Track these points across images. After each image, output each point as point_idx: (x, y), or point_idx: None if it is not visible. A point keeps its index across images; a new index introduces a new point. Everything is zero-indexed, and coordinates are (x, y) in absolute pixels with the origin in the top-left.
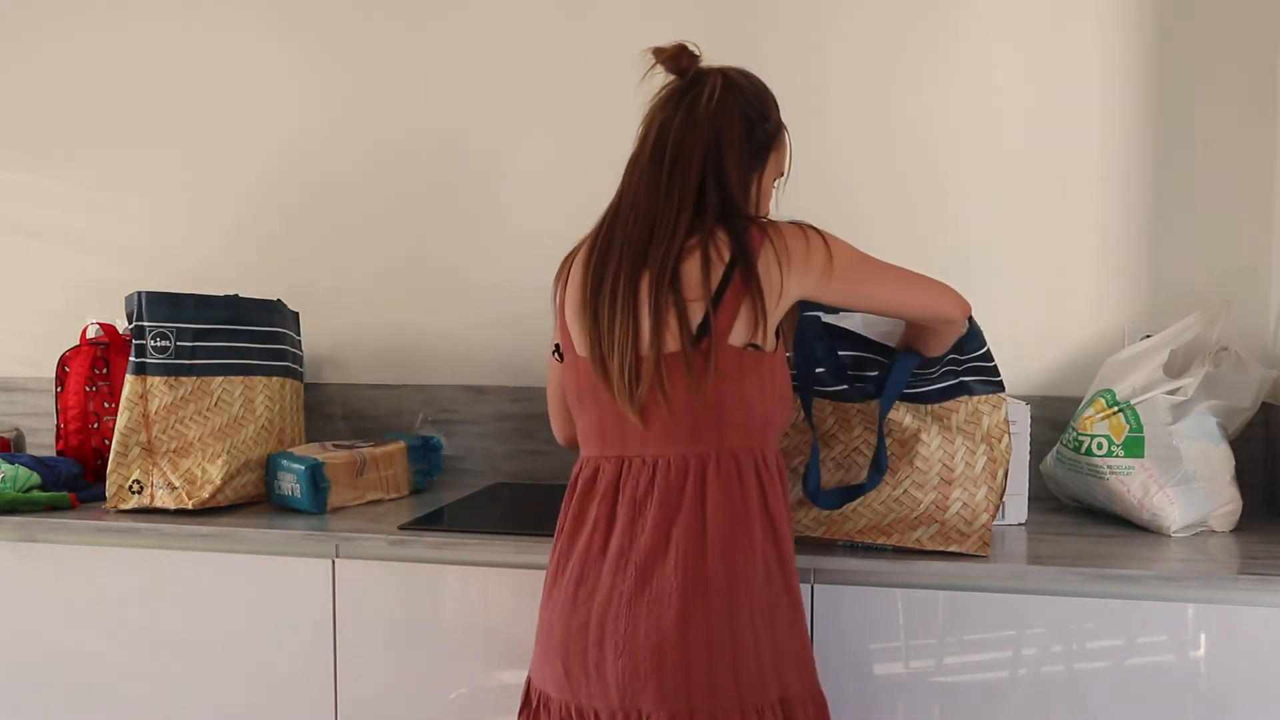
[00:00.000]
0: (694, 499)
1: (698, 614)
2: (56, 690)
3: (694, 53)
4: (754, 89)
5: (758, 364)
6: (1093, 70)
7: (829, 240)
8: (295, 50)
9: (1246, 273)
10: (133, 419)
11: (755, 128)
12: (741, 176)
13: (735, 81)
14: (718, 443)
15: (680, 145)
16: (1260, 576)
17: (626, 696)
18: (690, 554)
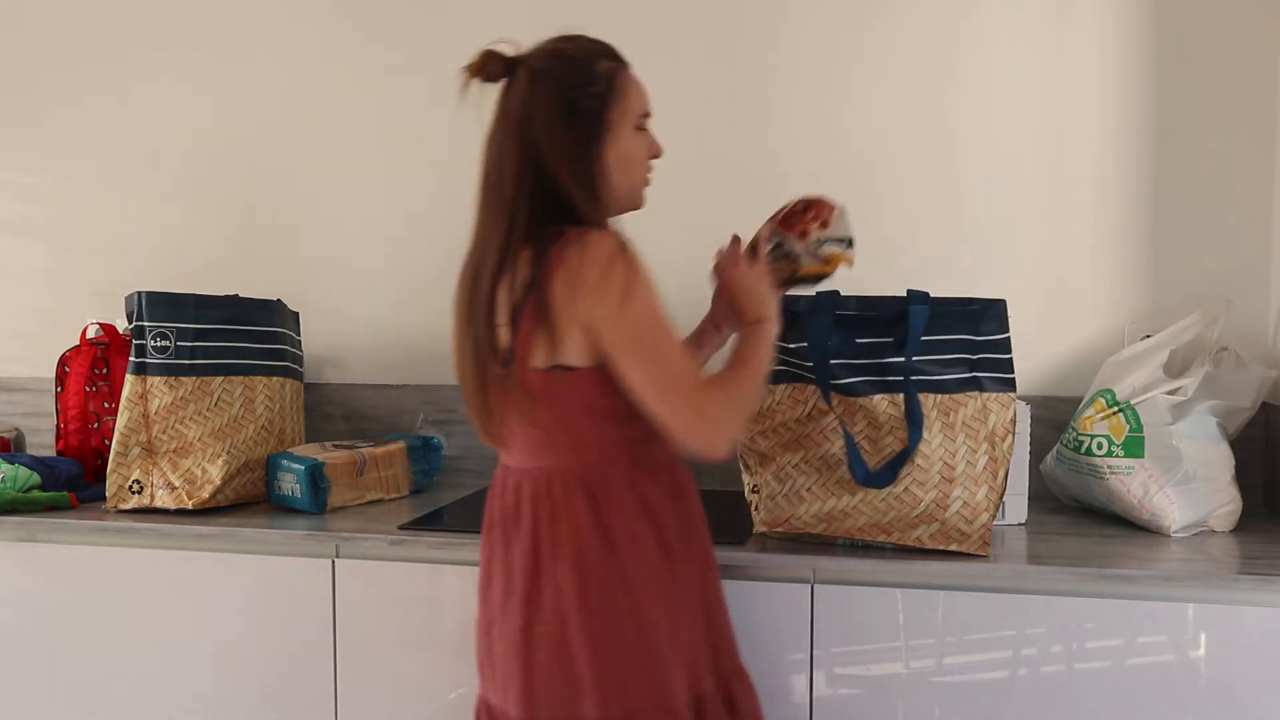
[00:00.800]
0: (531, 514)
1: (536, 627)
2: (56, 690)
3: (501, 55)
4: (563, 61)
5: (569, 384)
6: (1093, 71)
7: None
8: (296, 50)
9: (1246, 273)
10: (133, 419)
11: (577, 101)
12: (574, 166)
13: (539, 69)
14: (551, 460)
15: (498, 159)
16: (1260, 576)
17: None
18: (530, 567)
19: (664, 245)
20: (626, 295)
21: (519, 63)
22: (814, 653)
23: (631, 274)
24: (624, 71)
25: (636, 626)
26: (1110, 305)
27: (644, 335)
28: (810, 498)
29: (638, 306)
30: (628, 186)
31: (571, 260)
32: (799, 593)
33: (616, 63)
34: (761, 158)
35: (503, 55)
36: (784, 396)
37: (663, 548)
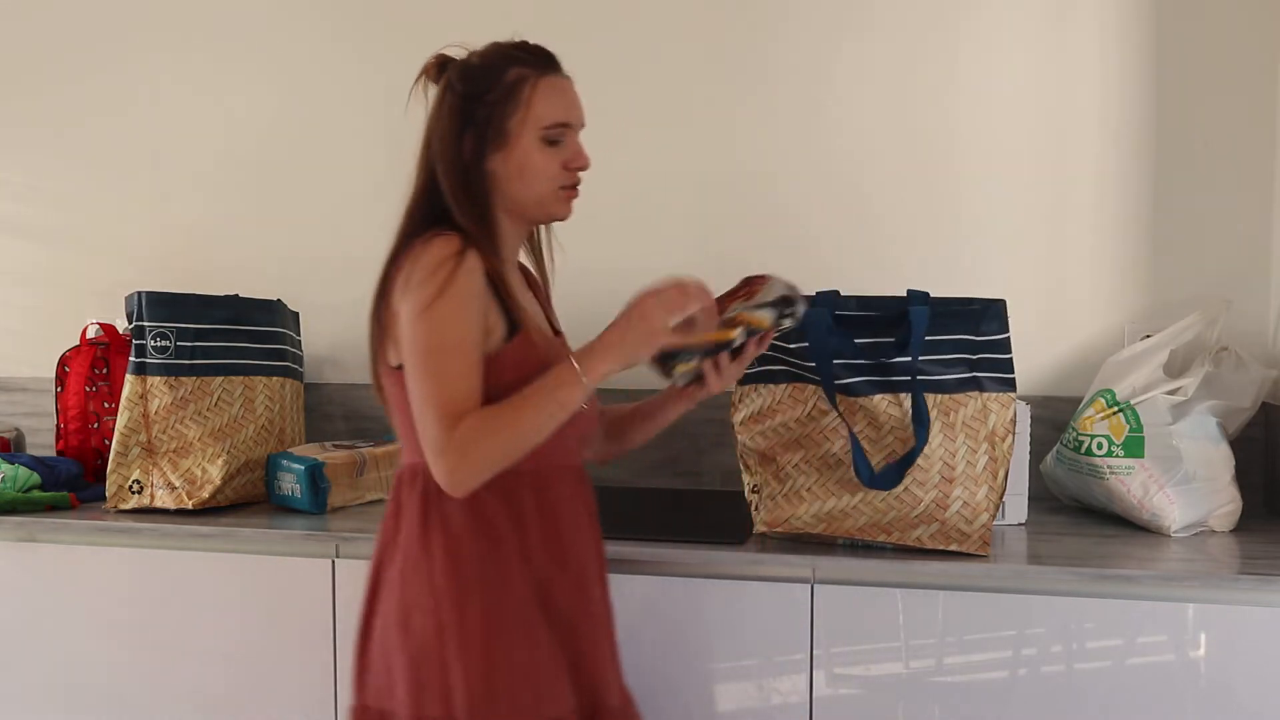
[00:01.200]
0: (389, 504)
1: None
2: (56, 690)
3: (444, 60)
4: (470, 70)
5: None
6: (1093, 71)
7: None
8: (296, 50)
9: (1246, 273)
10: (133, 419)
11: (474, 113)
12: (460, 175)
13: (450, 79)
14: (404, 455)
15: (417, 164)
16: (1260, 576)
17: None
18: (375, 557)
19: (659, 250)
20: (429, 304)
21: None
22: (814, 653)
23: (445, 285)
24: (535, 80)
25: (438, 636)
26: (1110, 305)
27: (428, 348)
28: (810, 498)
29: (435, 318)
30: (528, 197)
31: (407, 261)
32: (799, 593)
33: (530, 70)
34: (760, 158)
35: (446, 59)
36: (784, 396)
37: (495, 563)
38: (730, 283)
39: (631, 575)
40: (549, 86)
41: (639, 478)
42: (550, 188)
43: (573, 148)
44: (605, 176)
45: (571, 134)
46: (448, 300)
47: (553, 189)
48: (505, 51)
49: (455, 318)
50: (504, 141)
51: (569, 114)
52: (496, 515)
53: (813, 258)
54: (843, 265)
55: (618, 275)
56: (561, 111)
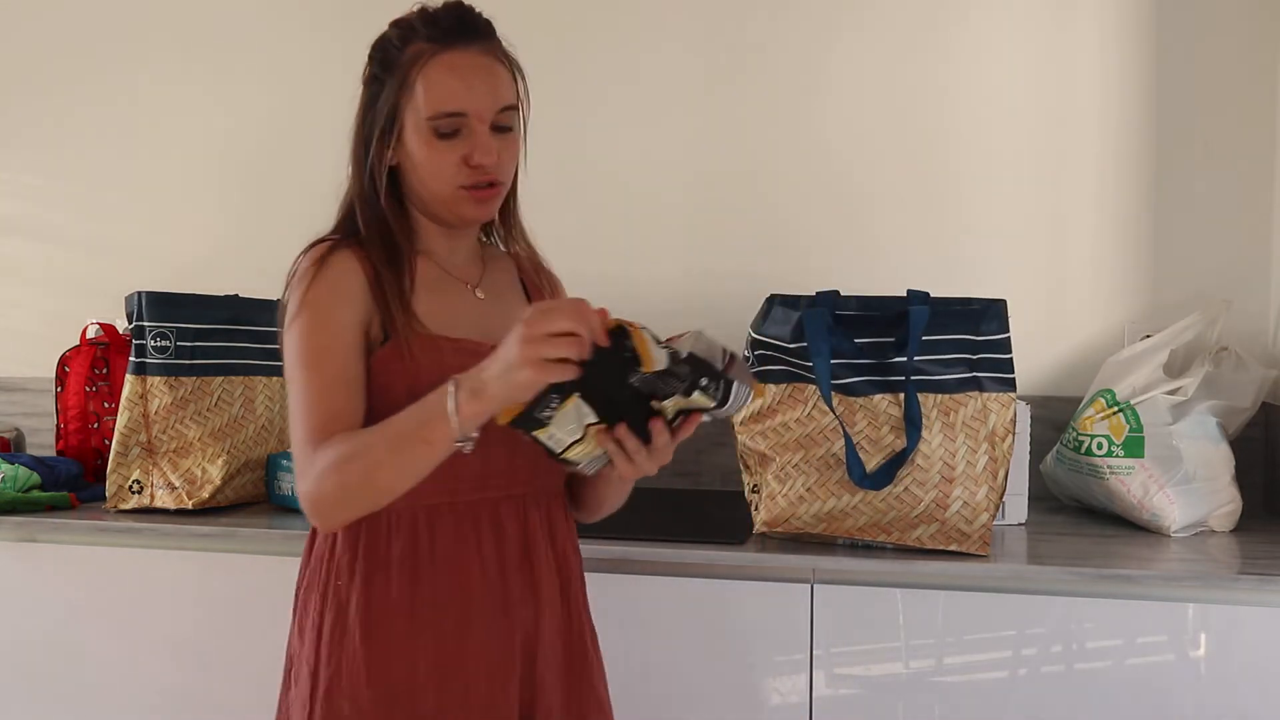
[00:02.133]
0: None
1: None
2: (56, 690)
3: None
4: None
5: None
6: (1093, 71)
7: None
8: (295, 51)
9: (1246, 273)
10: (133, 419)
11: (376, 97)
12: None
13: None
14: None
15: None
16: (1260, 576)
17: None
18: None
19: (651, 253)
20: (291, 319)
21: None
22: (814, 653)
23: (304, 297)
24: (428, 59)
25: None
26: (1110, 305)
27: (290, 365)
28: (810, 498)
29: (295, 333)
30: (429, 196)
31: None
32: (799, 593)
33: (427, 46)
34: (759, 158)
35: None
36: (784, 396)
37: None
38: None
39: (632, 575)
40: (442, 66)
41: None
42: (449, 188)
43: (474, 140)
44: (599, 176)
45: (471, 123)
46: (305, 312)
47: (452, 189)
48: (408, 22)
49: (314, 330)
50: (399, 133)
51: (464, 100)
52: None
53: (812, 258)
54: (843, 265)
55: (608, 281)
56: (451, 98)
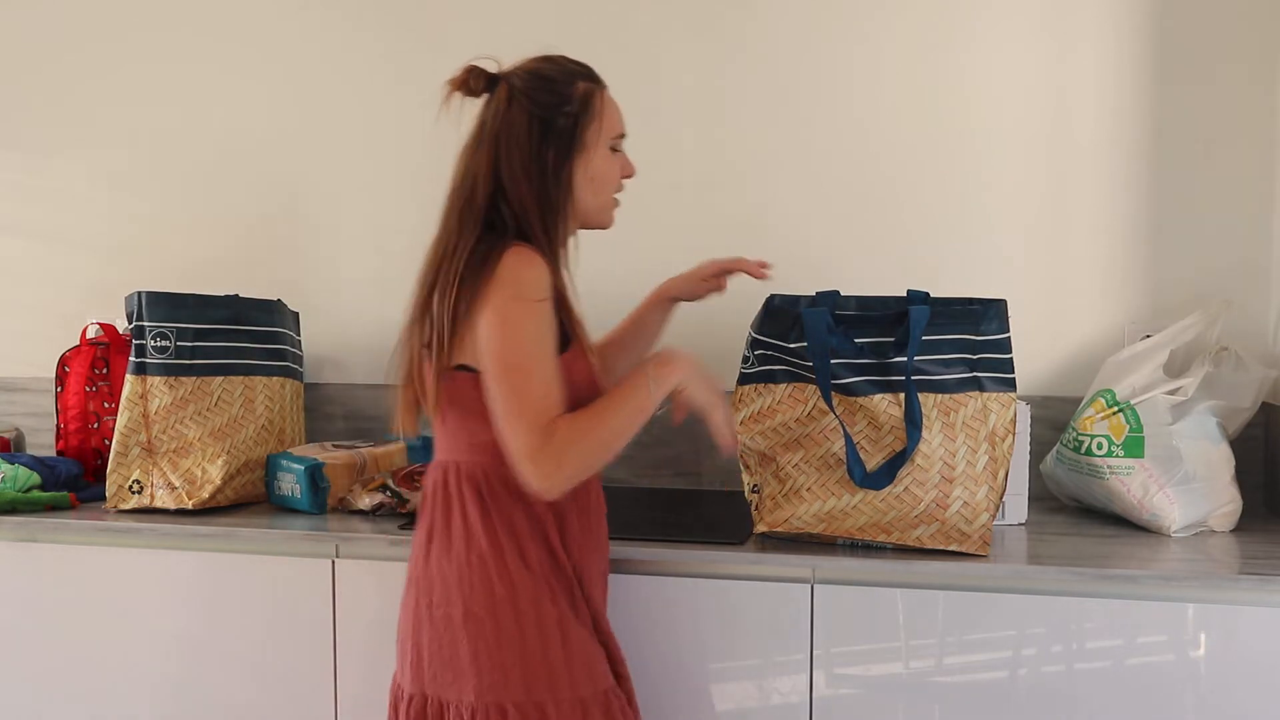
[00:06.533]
0: (428, 505)
1: (410, 610)
2: (57, 690)
3: (482, 70)
4: (543, 81)
5: (471, 385)
6: (1093, 71)
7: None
8: (296, 51)
9: (1246, 273)
10: (133, 419)
11: (552, 121)
12: (537, 183)
13: (517, 86)
14: (449, 454)
15: (468, 167)
16: (1260, 576)
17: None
18: (418, 553)
19: (652, 252)
20: (522, 317)
21: (499, 79)
22: (814, 653)
23: (535, 298)
24: (600, 93)
25: (516, 624)
26: (1110, 305)
27: (520, 357)
28: (810, 498)
29: (526, 330)
30: (595, 205)
31: (489, 270)
32: (799, 593)
33: (594, 84)
34: (759, 158)
35: (484, 71)
36: (784, 396)
37: (549, 552)
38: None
39: (631, 575)
40: (609, 99)
41: (639, 478)
42: (610, 196)
43: (623, 158)
44: None
45: (622, 145)
46: (536, 313)
47: (610, 197)
48: (565, 65)
49: (542, 329)
50: (581, 152)
51: (624, 125)
52: (545, 514)
53: (813, 258)
54: (842, 265)
55: (607, 278)
56: (621, 123)
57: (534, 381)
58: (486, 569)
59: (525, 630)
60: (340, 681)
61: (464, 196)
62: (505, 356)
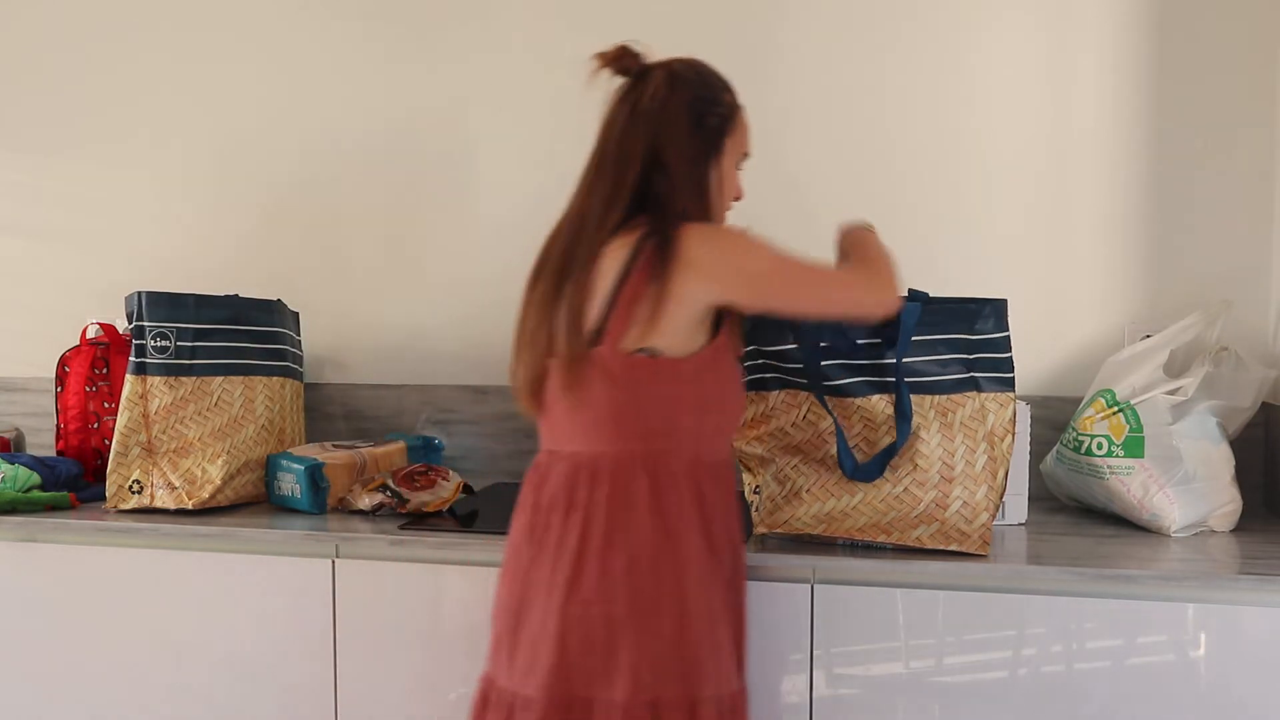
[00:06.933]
0: (586, 496)
1: (576, 607)
2: (57, 690)
3: (635, 52)
4: (700, 78)
5: (653, 370)
6: (1092, 70)
7: (745, 247)
8: (296, 51)
9: (1246, 273)
10: (133, 419)
11: (704, 116)
12: (691, 171)
13: (679, 74)
14: (614, 443)
15: (620, 145)
16: (1260, 576)
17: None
18: (578, 548)
19: None
20: (747, 255)
21: (656, 64)
22: (814, 653)
23: (744, 239)
24: (742, 111)
25: (679, 617)
26: (1110, 305)
27: (782, 266)
28: (810, 499)
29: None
30: (719, 207)
31: (687, 243)
32: (799, 593)
33: (736, 100)
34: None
35: (636, 52)
36: (778, 402)
37: (709, 543)
38: None
39: None
40: (746, 119)
41: None
42: (725, 208)
43: (739, 180)
44: None
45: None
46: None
47: (725, 209)
48: (716, 72)
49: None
50: (720, 155)
51: (751, 147)
52: (709, 496)
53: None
54: None
55: None
56: (749, 144)
57: (808, 266)
58: (656, 561)
59: (686, 624)
60: (340, 681)
61: (612, 170)
62: (784, 267)
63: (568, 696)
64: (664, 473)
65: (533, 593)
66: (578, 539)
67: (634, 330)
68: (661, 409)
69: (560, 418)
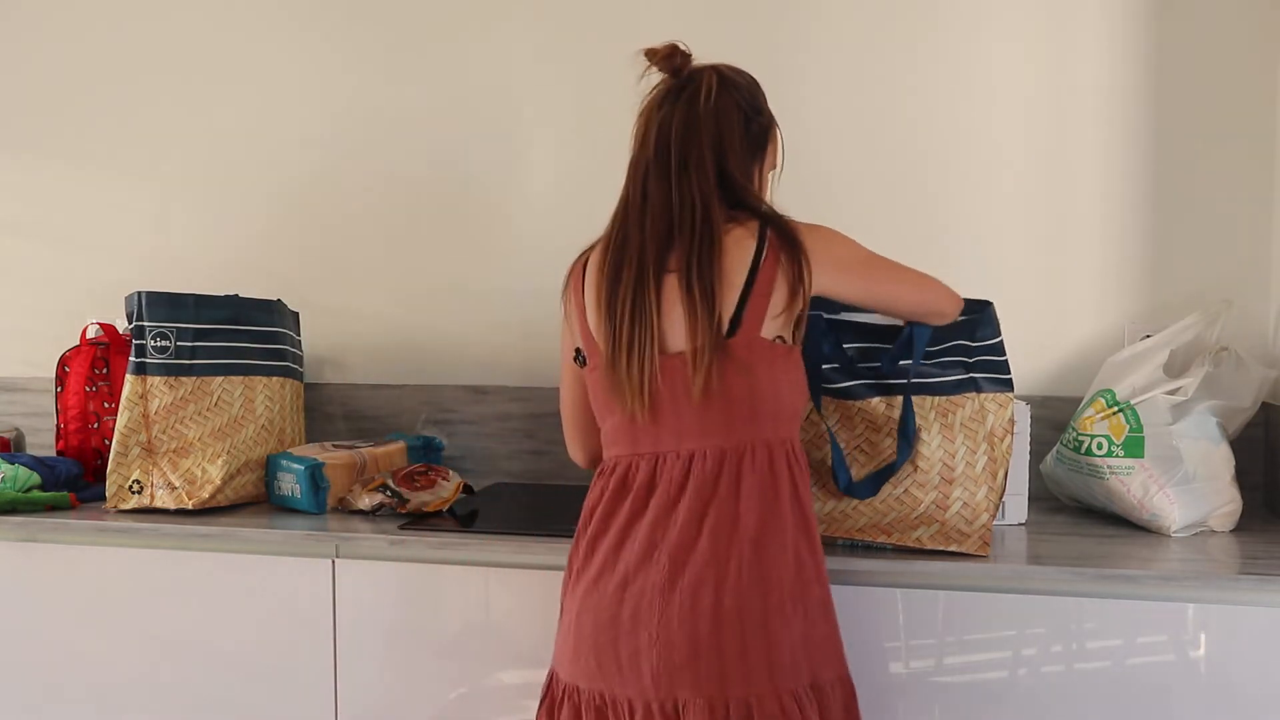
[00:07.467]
0: (728, 490)
1: (729, 602)
2: (57, 690)
3: (686, 52)
4: (746, 84)
5: (787, 357)
6: (1092, 70)
7: (845, 239)
8: (296, 50)
9: (1246, 273)
10: (133, 419)
11: (751, 122)
12: (745, 170)
13: (729, 78)
14: (752, 434)
15: (686, 142)
16: (1260, 576)
17: (661, 685)
18: (723, 544)
19: None
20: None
21: (705, 67)
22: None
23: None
24: (776, 123)
25: (824, 598)
26: (1110, 305)
27: (875, 259)
28: (846, 494)
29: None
30: None
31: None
32: None
33: (772, 112)
34: None
35: (688, 53)
36: None
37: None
38: None
39: None
40: (779, 133)
41: None
42: None
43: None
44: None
45: None
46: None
47: None
48: (757, 82)
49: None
50: (762, 161)
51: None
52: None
53: None
54: None
55: None
56: (781, 157)
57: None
58: (799, 547)
59: (828, 603)
60: (340, 681)
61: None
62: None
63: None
64: (795, 459)
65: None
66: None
67: (771, 319)
68: (791, 395)
69: (681, 415)
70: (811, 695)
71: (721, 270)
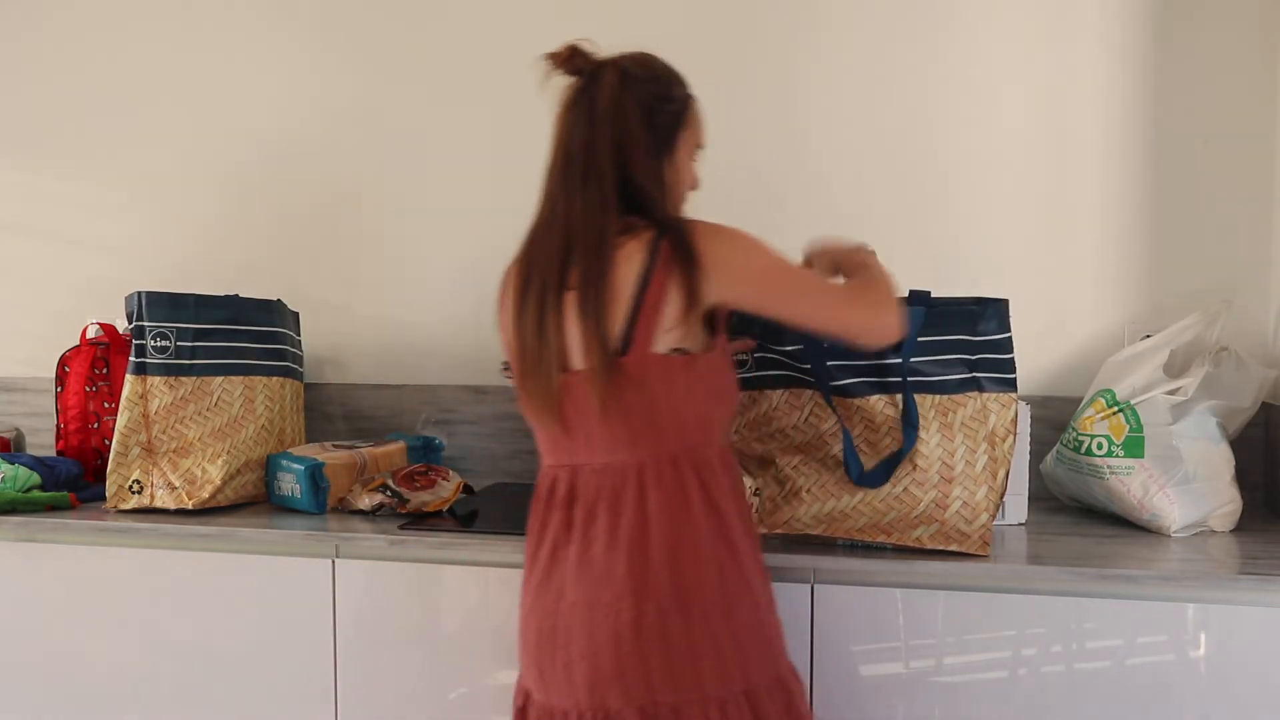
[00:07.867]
0: (637, 504)
1: (650, 615)
2: (56, 690)
3: (586, 51)
4: (650, 73)
5: (686, 368)
6: (1093, 71)
7: (750, 247)
8: (296, 50)
9: (1246, 273)
10: (133, 419)
11: (656, 112)
12: (650, 167)
13: (629, 71)
14: (655, 448)
15: (586, 148)
16: (1260, 576)
17: (595, 695)
18: (638, 558)
19: None
20: (754, 254)
21: (607, 62)
22: (814, 653)
23: (746, 238)
24: (694, 101)
25: (751, 603)
26: (1110, 305)
27: (786, 271)
28: (810, 499)
29: (764, 255)
30: (678, 201)
31: (697, 242)
32: (799, 593)
33: (688, 92)
34: (757, 158)
35: (587, 52)
36: (780, 402)
37: (746, 528)
38: None
39: None
40: (698, 110)
41: None
42: (680, 201)
43: (695, 171)
44: None
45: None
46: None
47: (680, 203)
48: (667, 66)
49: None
50: (673, 152)
51: (704, 138)
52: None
53: None
54: None
55: None
56: (703, 135)
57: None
58: (719, 555)
59: (758, 608)
60: (340, 682)
61: (585, 175)
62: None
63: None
64: (706, 468)
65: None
66: (630, 550)
67: (664, 332)
68: (696, 406)
69: (589, 431)
70: (744, 701)
71: (611, 288)
